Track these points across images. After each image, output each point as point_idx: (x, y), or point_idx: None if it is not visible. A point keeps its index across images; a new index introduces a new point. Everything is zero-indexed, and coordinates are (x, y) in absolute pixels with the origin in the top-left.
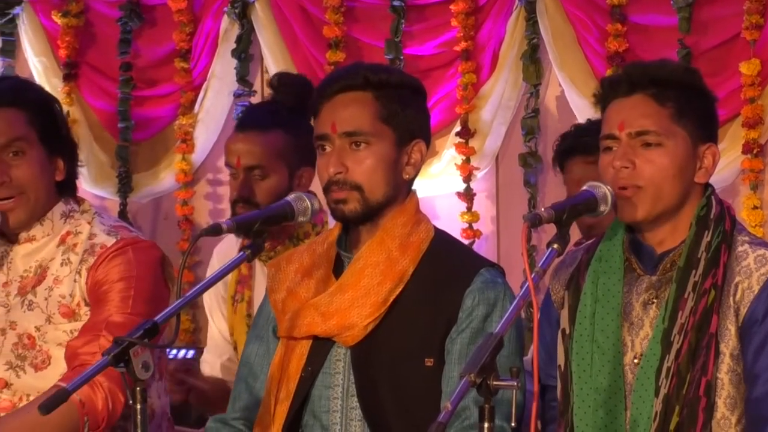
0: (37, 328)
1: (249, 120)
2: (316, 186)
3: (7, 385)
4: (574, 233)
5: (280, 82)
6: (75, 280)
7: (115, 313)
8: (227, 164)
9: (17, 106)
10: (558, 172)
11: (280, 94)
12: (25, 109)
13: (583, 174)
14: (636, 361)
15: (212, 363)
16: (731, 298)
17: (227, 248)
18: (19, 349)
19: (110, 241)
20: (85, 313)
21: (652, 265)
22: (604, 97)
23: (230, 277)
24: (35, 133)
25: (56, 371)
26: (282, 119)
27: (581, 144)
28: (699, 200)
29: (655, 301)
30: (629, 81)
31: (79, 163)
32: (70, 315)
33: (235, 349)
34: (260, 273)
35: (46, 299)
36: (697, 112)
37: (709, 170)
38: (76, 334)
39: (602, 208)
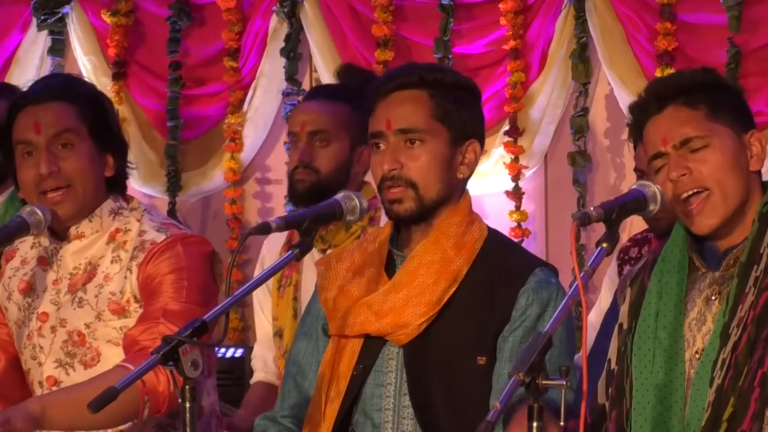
0: (87, 326)
1: (317, 91)
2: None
3: (56, 382)
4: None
5: (347, 72)
6: (125, 277)
7: (170, 301)
8: (290, 133)
9: (67, 100)
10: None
11: (345, 80)
12: (75, 103)
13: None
14: (697, 356)
15: (264, 357)
16: None
17: (278, 239)
18: (69, 347)
19: (160, 237)
20: (134, 309)
21: (715, 262)
22: (638, 123)
23: (275, 256)
24: (85, 127)
25: (106, 368)
26: (349, 96)
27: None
28: (760, 196)
29: (717, 296)
30: (656, 98)
31: (129, 165)
32: (120, 312)
33: (277, 335)
34: (308, 256)
35: (96, 296)
36: (729, 106)
37: (760, 156)
38: (125, 331)
39: (651, 207)
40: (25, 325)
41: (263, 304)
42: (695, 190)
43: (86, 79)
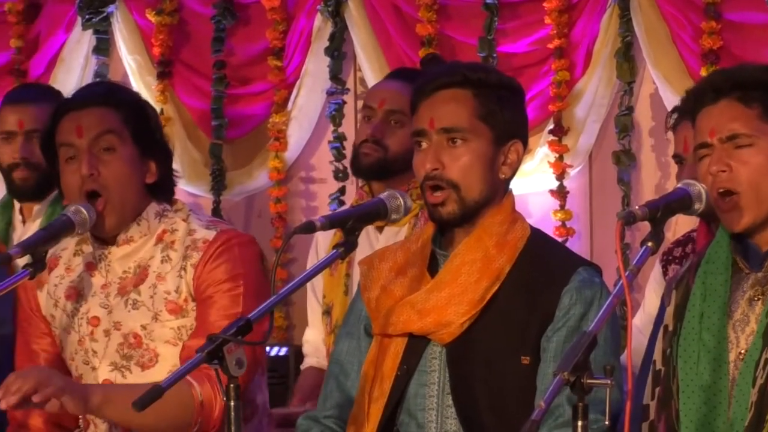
0: (143, 327)
1: (400, 73)
2: None
3: None
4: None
5: (431, 61)
6: (180, 276)
7: (227, 313)
8: (365, 106)
9: (110, 105)
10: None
11: (429, 69)
12: (117, 108)
13: (688, 134)
14: (741, 357)
15: (315, 342)
16: None
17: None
18: (125, 349)
19: (210, 234)
20: (192, 308)
21: (758, 263)
22: (692, 109)
23: (329, 240)
24: (128, 132)
25: (164, 369)
26: None
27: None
28: None
29: (761, 297)
30: (713, 89)
31: (175, 172)
32: (178, 311)
33: (326, 312)
34: (363, 234)
35: (151, 297)
36: None
37: None
38: (183, 331)
39: (696, 206)
40: (75, 330)
41: (315, 286)
42: (727, 190)
43: (128, 86)
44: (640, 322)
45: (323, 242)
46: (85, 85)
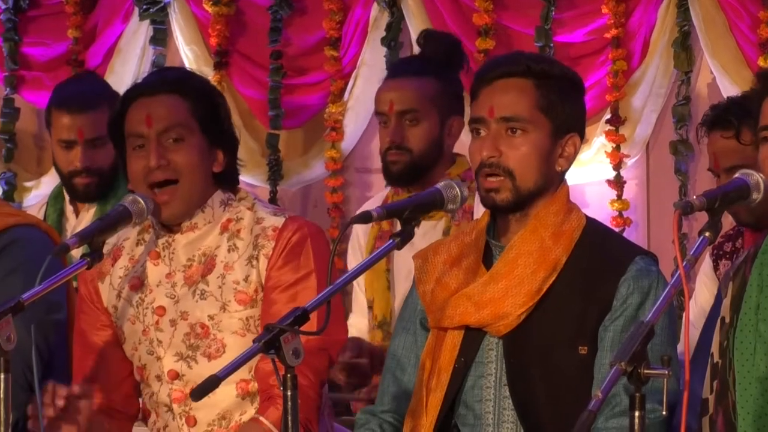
0: (211, 317)
1: (401, 67)
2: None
3: (178, 376)
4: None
5: (427, 37)
6: (252, 265)
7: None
8: (378, 113)
9: (180, 94)
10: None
11: (428, 49)
12: (187, 97)
13: (718, 147)
14: None
15: (359, 326)
16: None
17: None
18: (191, 339)
19: (279, 221)
20: (261, 298)
21: None
22: (759, 91)
23: (369, 232)
24: (196, 122)
25: (230, 358)
26: (433, 67)
27: (721, 119)
28: None
29: None
30: None
31: (239, 162)
32: (247, 301)
33: (369, 308)
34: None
35: (219, 287)
36: None
37: None
38: (251, 321)
39: (755, 195)
40: (140, 320)
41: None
42: None
43: (200, 74)
44: (692, 315)
45: (363, 234)
46: (156, 70)
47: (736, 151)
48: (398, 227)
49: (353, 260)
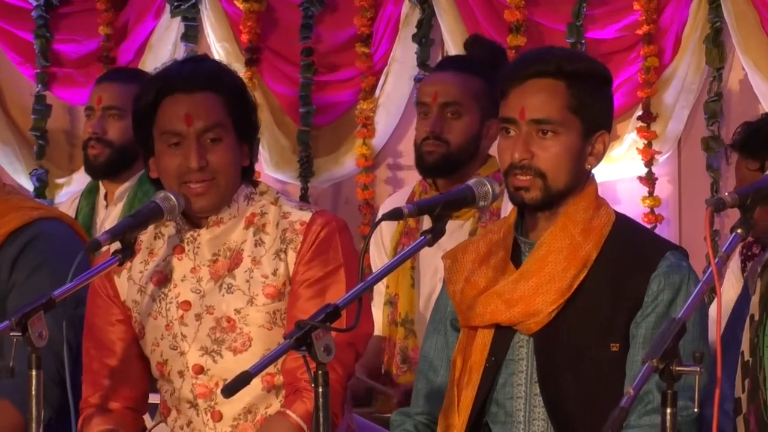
0: (237, 311)
1: (448, 63)
2: None
3: (203, 370)
4: None
5: (474, 43)
6: (281, 259)
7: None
8: (419, 103)
9: (217, 91)
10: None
11: (474, 52)
12: (223, 95)
13: (742, 175)
14: None
15: (376, 317)
16: None
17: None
18: (217, 333)
19: (307, 215)
20: (289, 292)
21: None
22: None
23: (394, 228)
24: (230, 120)
25: (256, 352)
26: (480, 68)
27: (748, 148)
28: None
29: None
30: None
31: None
32: (275, 295)
33: (388, 303)
34: (427, 224)
35: (247, 281)
36: None
37: None
38: (278, 315)
39: None
40: (162, 315)
41: (376, 266)
42: None
43: (230, 67)
44: (714, 313)
45: (387, 231)
46: (187, 60)
47: None
48: (425, 225)
49: (376, 256)
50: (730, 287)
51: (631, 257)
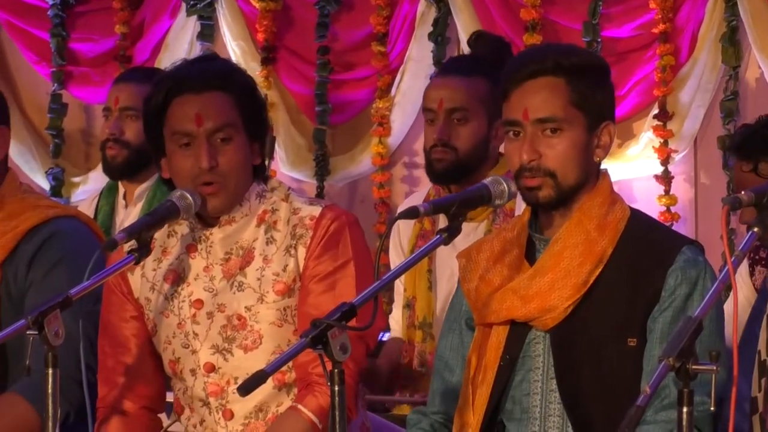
0: (248, 308)
1: (452, 66)
2: None
3: (214, 368)
4: None
5: (478, 38)
6: (291, 254)
7: (346, 298)
8: (426, 110)
9: (227, 91)
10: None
11: (478, 49)
12: (232, 94)
13: (738, 177)
14: None
15: (396, 317)
16: None
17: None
18: (228, 331)
19: (316, 210)
20: (299, 288)
21: None
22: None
23: (411, 230)
24: (241, 120)
25: (267, 349)
26: (484, 68)
27: (742, 149)
28: None
29: None
30: None
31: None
32: (285, 291)
33: (406, 306)
34: (443, 225)
35: (258, 279)
36: None
37: None
38: (288, 312)
39: None
40: (175, 313)
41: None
42: None
43: (239, 65)
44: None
45: (405, 233)
46: (197, 60)
47: (754, 184)
48: (440, 227)
49: (395, 257)
50: (738, 289)
51: (647, 252)
